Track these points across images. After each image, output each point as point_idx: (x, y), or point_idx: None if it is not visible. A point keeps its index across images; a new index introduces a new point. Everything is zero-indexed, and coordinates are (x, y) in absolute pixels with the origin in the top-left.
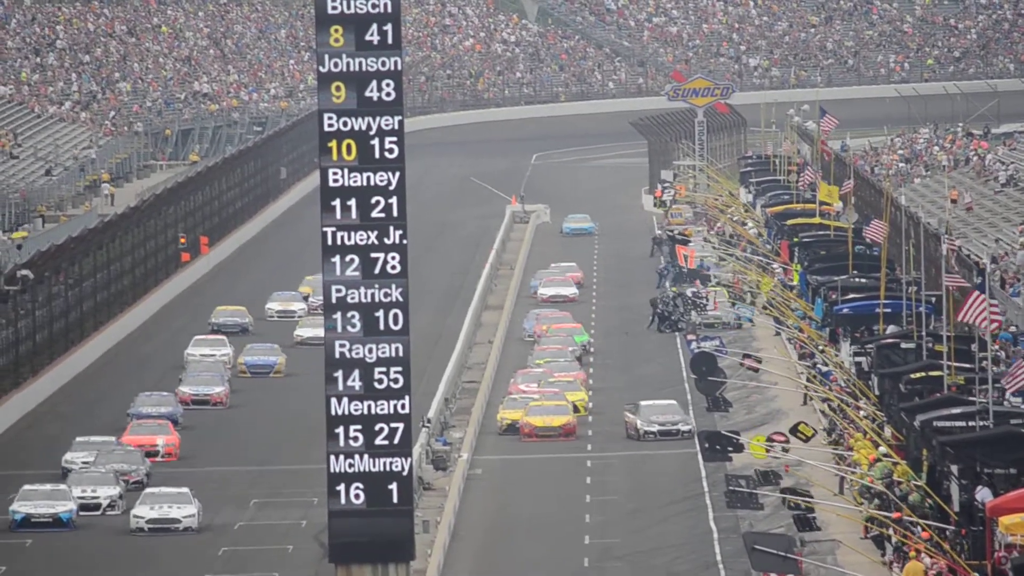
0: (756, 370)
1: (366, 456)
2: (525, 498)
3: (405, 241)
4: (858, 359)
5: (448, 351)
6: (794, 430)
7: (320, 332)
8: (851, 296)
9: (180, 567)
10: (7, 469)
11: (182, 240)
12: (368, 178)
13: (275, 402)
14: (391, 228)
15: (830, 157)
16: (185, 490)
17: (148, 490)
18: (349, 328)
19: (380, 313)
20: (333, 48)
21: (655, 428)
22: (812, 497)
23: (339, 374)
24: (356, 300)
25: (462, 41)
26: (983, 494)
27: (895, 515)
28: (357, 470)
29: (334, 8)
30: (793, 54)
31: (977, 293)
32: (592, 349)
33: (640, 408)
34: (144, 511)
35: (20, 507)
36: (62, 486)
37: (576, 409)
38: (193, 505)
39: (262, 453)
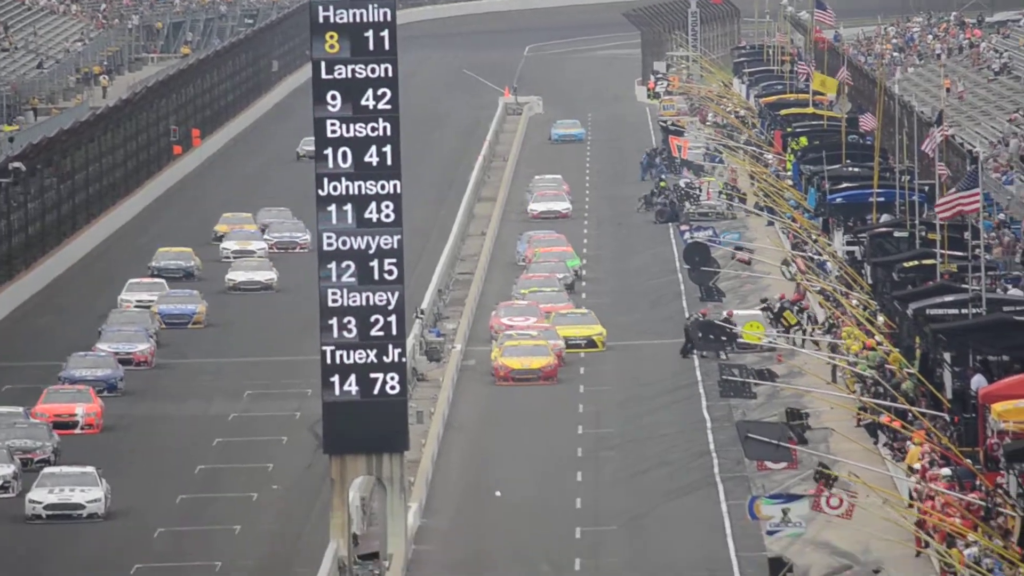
0: (747, 262)
1: (360, 347)
2: (518, 388)
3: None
4: (851, 248)
5: (441, 243)
6: (778, 317)
7: (255, 276)
8: (844, 185)
9: (174, 457)
10: (7, 360)
11: (174, 130)
12: (359, 70)
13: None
14: (380, 119)
15: (824, 45)
16: (91, 470)
17: (47, 470)
18: (343, 221)
19: (373, 205)
20: None
21: None
22: (808, 417)
23: (332, 265)
24: (350, 192)
25: None
26: (977, 381)
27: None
28: (351, 361)
29: None
30: None
31: (953, 190)
32: (584, 272)
33: None
34: (41, 495)
35: None
36: None
37: (593, 343)
38: (100, 487)
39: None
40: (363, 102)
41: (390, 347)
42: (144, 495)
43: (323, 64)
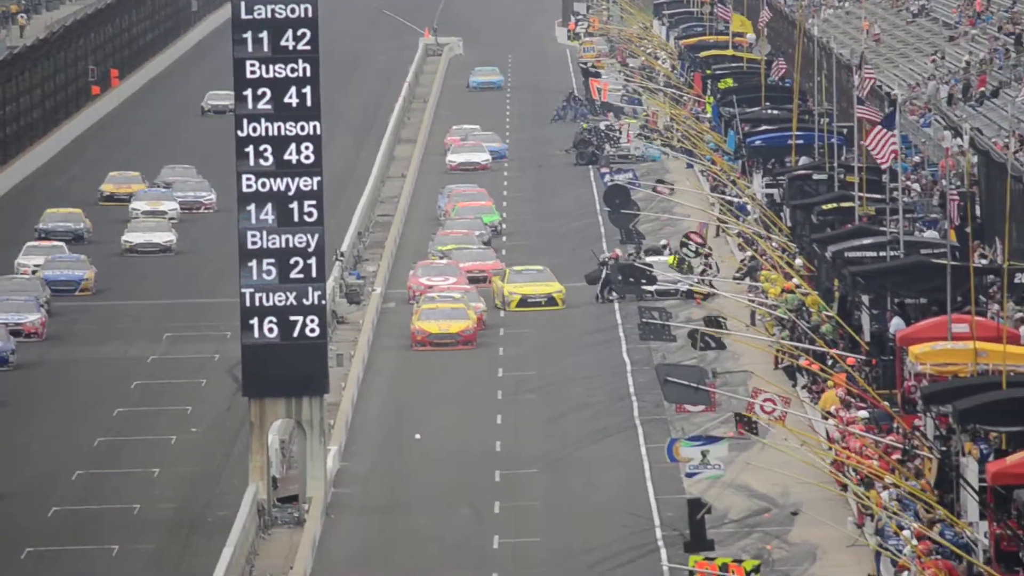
0: (671, 191)
1: (280, 289)
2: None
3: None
4: (770, 191)
5: (361, 185)
6: (680, 264)
7: (153, 238)
8: (763, 128)
9: (93, 400)
10: None
11: (92, 70)
12: (279, 10)
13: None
14: (301, 61)
15: None
16: None
17: None
18: (262, 162)
19: (293, 147)
20: None
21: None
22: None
23: (252, 207)
24: (269, 134)
25: None
26: (896, 324)
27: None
28: (271, 304)
29: None
30: None
31: (879, 128)
32: (504, 227)
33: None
34: None
35: None
36: None
37: (553, 301)
38: None
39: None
40: (283, 42)
41: (310, 289)
42: (62, 438)
43: (242, 4)
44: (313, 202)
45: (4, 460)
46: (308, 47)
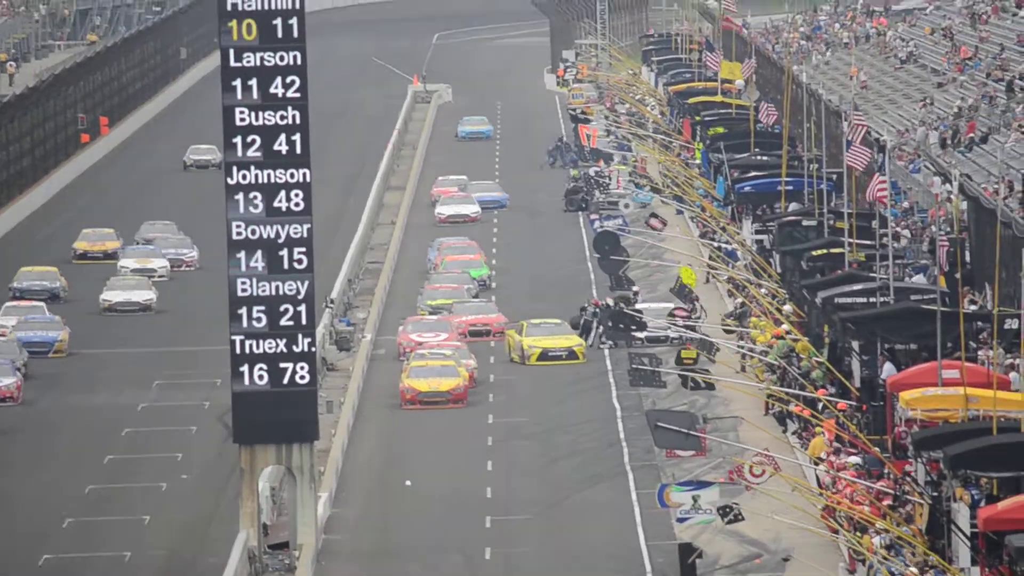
0: (662, 228)
1: (270, 337)
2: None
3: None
4: (760, 237)
5: (351, 232)
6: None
7: (132, 296)
8: (753, 174)
9: (83, 447)
10: None
11: (81, 118)
12: (268, 58)
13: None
14: (291, 107)
15: (734, 28)
16: None
17: None
18: (251, 210)
19: (282, 194)
20: None
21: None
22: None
23: (242, 255)
24: (259, 181)
25: None
26: (888, 369)
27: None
28: (261, 351)
29: None
30: None
31: (878, 175)
32: (493, 283)
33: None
34: None
35: None
36: None
37: (574, 355)
38: None
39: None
40: (272, 90)
41: (300, 336)
42: (53, 485)
43: (231, 52)
44: (303, 249)
45: None
46: (297, 94)
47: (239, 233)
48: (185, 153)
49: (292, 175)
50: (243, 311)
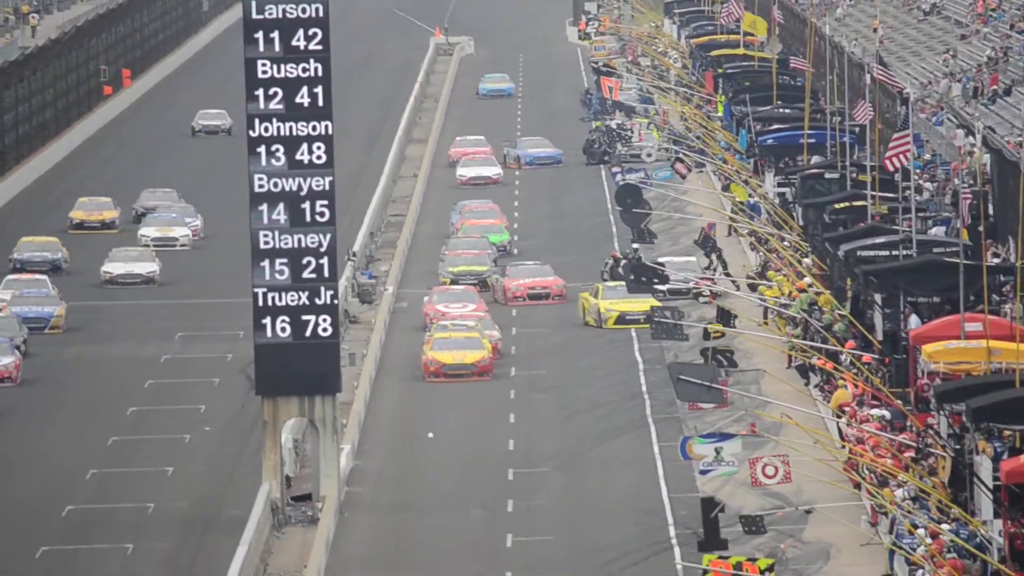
0: (687, 172)
1: (292, 289)
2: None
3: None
4: (782, 190)
5: (373, 185)
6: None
7: (136, 268)
8: (775, 127)
9: (106, 399)
10: None
11: (103, 70)
12: (290, 9)
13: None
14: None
15: None
16: None
17: None
18: (274, 162)
19: (304, 146)
20: None
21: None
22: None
23: (264, 207)
24: (281, 134)
25: None
26: (915, 322)
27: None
28: (283, 303)
29: None
30: None
31: (901, 134)
32: (515, 249)
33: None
34: None
35: None
36: None
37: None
38: None
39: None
40: (294, 42)
41: (322, 289)
42: (76, 437)
43: (253, 4)
44: (325, 202)
45: (18, 459)
46: (319, 47)
47: (261, 186)
48: (194, 118)
49: (314, 128)
50: (265, 264)
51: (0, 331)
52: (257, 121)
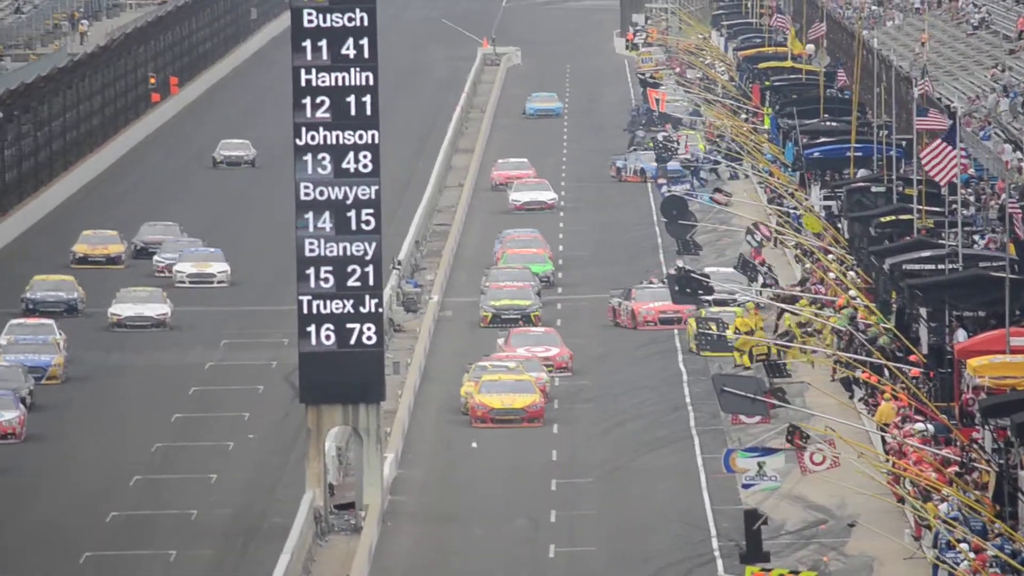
0: (726, 204)
1: (337, 297)
2: (495, 339)
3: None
4: (828, 203)
5: (419, 194)
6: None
7: (146, 311)
8: (822, 140)
9: (150, 406)
10: None
11: (152, 80)
12: (338, 18)
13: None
14: (359, 69)
15: None
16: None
17: None
18: (320, 171)
19: (351, 155)
20: None
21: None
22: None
23: (310, 215)
24: (327, 142)
25: None
26: (960, 335)
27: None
28: (328, 311)
29: None
30: None
31: (939, 141)
32: (557, 276)
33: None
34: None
35: None
36: None
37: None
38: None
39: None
40: (343, 51)
41: (367, 297)
42: (120, 443)
43: (302, 13)
44: (371, 210)
45: (63, 465)
46: (367, 56)
47: (307, 194)
48: (216, 148)
49: (361, 136)
50: (310, 271)
51: (2, 381)
52: (304, 129)
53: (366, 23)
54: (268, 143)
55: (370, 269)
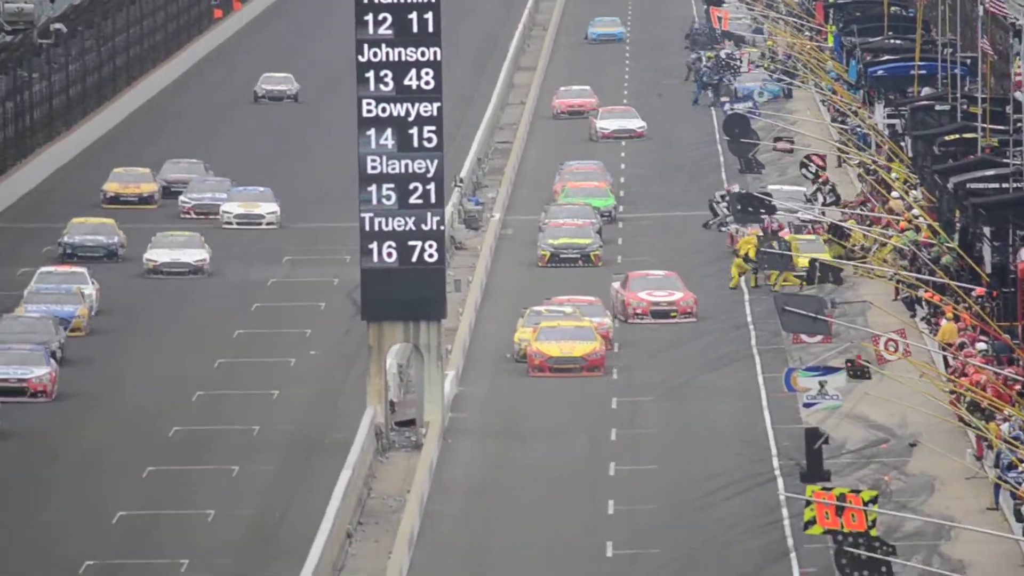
0: (790, 151)
1: (399, 215)
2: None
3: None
4: (892, 121)
5: (481, 112)
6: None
7: (183, 256)
8: (886, 58)
9: (213, 322)
10: (46, 221)
11: None
12: None
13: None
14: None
15: None
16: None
17: None
18: (382, 87)
19: (413, 72)
20: None
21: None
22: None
23: (372, 132)
24: (389, 59)
25: None
26: None
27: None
28: (390, 228)
29: None
30: None
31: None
32: (620, 210)
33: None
34: None
35: None
36: None
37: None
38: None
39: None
40: None
41: (429, 215)
42: (182, 360)
43: None
44: (433, 128)
45: (127, 379)
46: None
47: (369, 111)
48: (257, 82)
49: (423, 53)
50: (372, 189)
51: (34, 334)
52: (366, 47)
53: None
54: (319, 70)
55: (432, 186)
